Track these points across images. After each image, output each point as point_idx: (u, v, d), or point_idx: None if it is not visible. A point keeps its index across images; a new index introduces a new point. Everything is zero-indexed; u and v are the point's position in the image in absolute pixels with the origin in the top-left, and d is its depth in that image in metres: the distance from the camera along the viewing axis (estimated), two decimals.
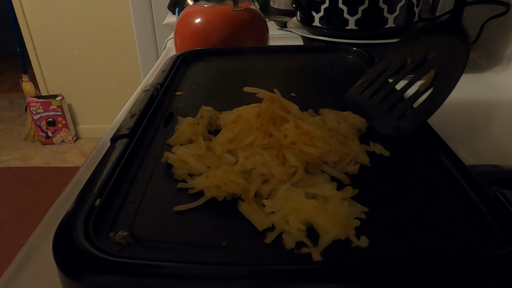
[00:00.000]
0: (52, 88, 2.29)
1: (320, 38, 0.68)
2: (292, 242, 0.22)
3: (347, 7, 0.63)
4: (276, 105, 0.32)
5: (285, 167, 0.27)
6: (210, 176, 0.27)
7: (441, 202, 0.25)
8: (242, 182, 0.26)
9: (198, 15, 0.63)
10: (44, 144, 2.33)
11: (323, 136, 0.30)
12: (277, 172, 0.27)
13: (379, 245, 0.22)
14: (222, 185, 0.26)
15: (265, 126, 0.30)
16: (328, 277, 0.20)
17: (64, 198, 0.40)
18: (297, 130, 0.29)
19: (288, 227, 0.23)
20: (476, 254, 0.21)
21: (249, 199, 0.26)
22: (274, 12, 1.07)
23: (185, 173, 0.29)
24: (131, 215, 0.25)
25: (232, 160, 0.29)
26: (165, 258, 0.22)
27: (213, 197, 0.26)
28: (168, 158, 0.30)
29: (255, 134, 0.30)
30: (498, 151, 0.46)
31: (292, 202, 0.24)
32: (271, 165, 0.27)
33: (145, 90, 0.42)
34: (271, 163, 0.28)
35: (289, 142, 0.28)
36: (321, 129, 0.30)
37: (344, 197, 0.26)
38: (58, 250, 0.22)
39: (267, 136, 0.29)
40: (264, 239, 0.23)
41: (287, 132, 0.29)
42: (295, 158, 0.28)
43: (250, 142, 0.30)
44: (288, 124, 0.30)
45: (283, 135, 0.29)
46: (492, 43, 0.71)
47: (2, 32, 2.96)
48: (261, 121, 0.30)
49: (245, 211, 0.25)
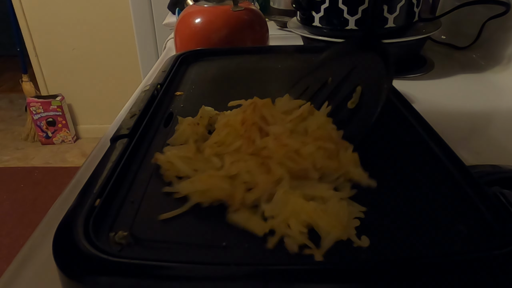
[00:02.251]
0: (52, 88, 2.29)
1: (320, 38, 0.68)
2: (295, 246, 0.22)
3: (347, 7, 0.63)
4: (257, 113, 0.30)
5: (270, 176, 0.26)
6: (195, 181, 0.26)
7: (441, 202, 0.25)
8: (227, 187, 0.26)
9: (198, 15, 0.63)
10: (44, 144, 2.33)
11: (302, 149, 0.28)
12: (261, 181, 0.26)
13: (379, 246, 0.22)
14: (206, 190, 0.26)
15: (248, 133, 0.29)
16: (329, 277, 0.20)
17: (64, 198, 0.40)
18: (276, 142, 0.28)
19: (290, 230, 0.23)
20: (476, 254, 0.21)
21: (235, 206, 0.25)
22: (274, 12, 1.07)
23: (173, 175, 0.29)
24: (131, 215, 0.25)
25: (218, 164, 0.28)
26: (165, 258, 0.22)
27: (198, 202, 0.26)
28: (157, 159, 0.30)
29: (241, 140, 0.29)
30: (498, 151, 0.46)
31: (291, 204, 0.24)
32: (256, 173, 0.27)
33: (145, 90, 0.42)
34: (255, 171, 0.27)
35: (267, 155, 0.28)
36: (306, 140, 0.29)
37: (342, 197, 0.25)
38: (58, 250, 0.22)
39: (252, 143, 0.29)
40: (264, 239, 0.23)
41: (266, 143, 0.28)
42: (279, 167, 0.27)
43: (237, 147, 0.29)
44: (268, 137, 0.29)
45: (263, 146, 0.28)
46: (492, 43, 0.71)
47: (2, 32, 2.96)
48: (245, 128, 0.29)
49: (238, 220, 0.24)
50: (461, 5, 0.75)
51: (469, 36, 0.75)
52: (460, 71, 0.70)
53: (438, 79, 0.67)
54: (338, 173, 0.28)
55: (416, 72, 0.69)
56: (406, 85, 0.64)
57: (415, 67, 0.71)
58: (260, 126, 0.30)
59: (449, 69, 0.71)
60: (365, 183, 0.27)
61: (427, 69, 0.70)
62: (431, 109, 0.53)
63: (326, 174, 0.28)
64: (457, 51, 0.78)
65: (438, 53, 0.78)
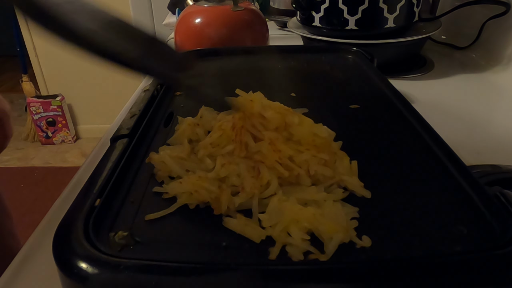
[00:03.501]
0: (52, 88, 2.29)
1: (320, 38, 0.68)
2: (299, 254, 0.22)
3: (347, 7, 0.63)
4: (248, 122, 0.30)
5: (258, 180, 0.26)
6: (183, 182, 0.26)
7: (441, 202, 0.25)
8: (215, 190, 0.25)
9: (198, 15, 0.63)
10: (44, 144, 2.32)
11: (296, 156, 0.28)
12: (248, 185, 0.26)
13: (379, 246, 0.22)
14: (193, 192, 0.25)
15: (239, 137, 0.29)
16: (329, 277, 0.20)
17: (64, 198, 0.40)
18: (270, 147, 0.28)
19: (291, 239, 0.22)
20: (476, 254, 0.21)
21: (220, 209, 0.25)
22: (274, 12, 1.07)
23: (165, 175, 0.28)
24: (131, 215, 0.25)
25: (211, 165, 0.28)
26: (164, 258, 0.22)
27: (185, 203, 0.26)
28: (151, 159, 0.30)
29: (233, 144, 0.29)
30: (498, 151, 0.46)
31: (288, 212, 0.24)
32: (244, 177, 0.26)
33: (145, 90, 0.42)
34: (245, 174, 0.26)
35: (259, 159, 0.27)
36: (300, 147, 0.28)
37: (335, 199, 0.25)
38: (58, 250, 0.22)
39: (245, 147, 0.28)
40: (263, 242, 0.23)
41: (260, 148, 0.28)
42: (268, 171, 0.27)
43: (230, 150, 0.29)
44: (262, 142, 0.29)
45: (257, 150, 0.28)
46: (492, 43, 0.71)
47: (2, 32, 2.96)
48: (236, 132, 0.29)
49: (235, 227, 0.24)
50: (461, 5, 0.75)
51: (469, 36, 0.75)
52: (460, 71, 0.70)
53: (438, 79, 0.67)
54: (331, 181, 0.27)
55: (416, 72, 0.69)
56: (406, 85, 0.64)
57: (415, 67, 0.71)
58: (254, 132, 0.29)
59: (449, 69, 0.71)
60: (359, 194, 0.27)
61: (427, 69, 0.70)
62: (431, 109, 0.53)
63: (320, 181, 0.27)
64: (457, 51, 0.78)
65: (438, 53, 0.78)
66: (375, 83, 0.43)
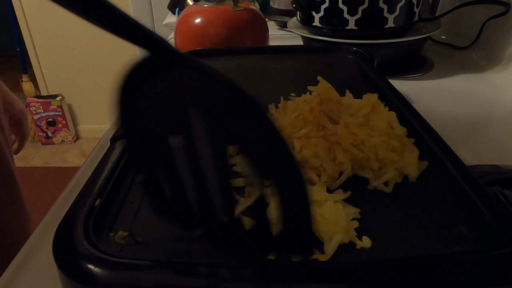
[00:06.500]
0: (52, 88, 2.29)
1: (320, 38, 0.68)
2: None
3: (347, 7, 0.63)
4: (326, 106, 0.32)
5: (336, 164, 0.27)
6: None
7: (441, 202, 0.25)
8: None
9: (198, 15, 0.63)
10: (44, 144, 2.32)
11: (368, 140, 0.29)
12: (329, 168, 0.27)
13: (379, 246, 0.22)
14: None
15: (317, 119, 0.30)
16: (329, 277, 0.20)
17: (64, 198, 0.40)
18: (346, 129, 0.29)
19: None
20: (476, 254, 0.21)
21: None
22: (274, 12, 1.07)
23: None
24: (131, 215, 0.25)
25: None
26: (164, 258, 0.22)
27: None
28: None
29: (309, 126, 0.30)
30: (498, 151, 0.46)
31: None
32: (323, 159, 0.28)
33: None
34: (323, 156, 0.28)
35: (335, 140, 0.29)
36: (372, 133, 0.30)
37: (336, 199, 0.25)
38: (58, 250, 0.22)
39: (321, 128, 0.30)
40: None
41: (335, 131, 0.30)
42: (344, 154, 0.28)
43: (305, 133, 0.30)
44: (338, 125, 0.30)
45: (332, 133, 0.30)
46: (492, 43, 0.71)
47: (2, 32, 2.96)
48: (314, 115, 0.31)
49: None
50: (461, 5, 0.75)
51: (469, 36, 0.75)
52: (460, 71, 0.70)
53: (438, 79, 0.67)
54: (395, 166, 0.28)
55: (416, 72, 0.69)
56: (406, 85, 0.64)
57: (415, 67, 0.71)
58: (329, 116, 0.31)
59: (449, 69, 0.71)
60: (412, 178, 0.28)
61: (427, 69, 0.70)
62: (431, 109, 0.53)
63: (385, 165, 0.28)
64: (457, 51, 0.78)
65: (438, 53, 0.78)
66: (375, 83, 0.43)
